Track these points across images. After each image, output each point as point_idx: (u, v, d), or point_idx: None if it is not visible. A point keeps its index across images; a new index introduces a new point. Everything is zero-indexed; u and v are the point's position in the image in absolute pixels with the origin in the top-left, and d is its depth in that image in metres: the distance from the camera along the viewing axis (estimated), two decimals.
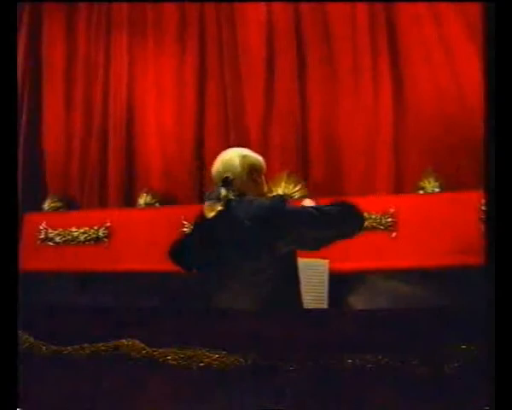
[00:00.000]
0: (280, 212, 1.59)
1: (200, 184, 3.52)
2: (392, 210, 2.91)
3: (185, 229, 1.88)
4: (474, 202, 2.59)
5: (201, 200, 3.43)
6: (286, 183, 3.26)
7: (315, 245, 1.66)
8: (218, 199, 1.62)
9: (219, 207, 1.61)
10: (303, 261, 1.86)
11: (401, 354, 1.16)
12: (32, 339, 1.42)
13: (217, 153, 1.95)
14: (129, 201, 3.66)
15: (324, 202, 1.70)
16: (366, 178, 3.22)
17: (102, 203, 3.72)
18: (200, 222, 1.72)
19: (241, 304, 1.58)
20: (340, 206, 1.62)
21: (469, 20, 3.03)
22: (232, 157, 1.74)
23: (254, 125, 3.46)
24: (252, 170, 1.73)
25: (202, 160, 3.49)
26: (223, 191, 1.62)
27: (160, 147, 3.67)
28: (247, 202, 1.64)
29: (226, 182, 1.64)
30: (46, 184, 3.88)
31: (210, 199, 1.67)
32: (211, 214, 1.62)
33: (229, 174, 1.66)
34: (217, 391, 1.25)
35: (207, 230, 1.65)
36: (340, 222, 1.60)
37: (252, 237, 1.56)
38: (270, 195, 3.04)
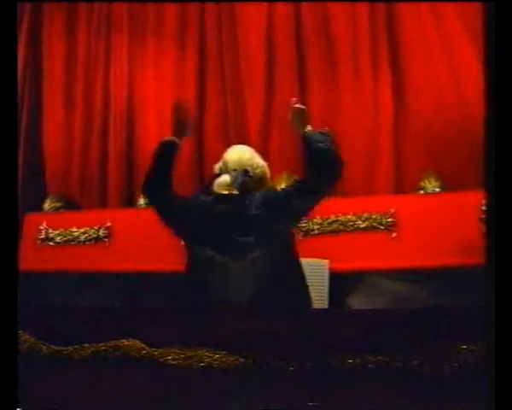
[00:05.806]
0: (278, 198, 1.86)
1: (201, 185, 3.52)
2: (392, 210, 2.91)
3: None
4: (474, 202, 2.58)
5: None
6: (286, 183, 3.25)
7: (306, 212, 1.94)
8: (237, 183, 1.78)
9: (234, 191, 1.77)
10: (303, 261, 1.86)
11: (401, 354, 1.16)
12: (32, 339, 1.41)
13: (217, 153, 1.96)
14: (129, 201, 3.66)
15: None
16: (366, 178, 3.22)
17: (102, 203, 3.71)
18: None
19: (242, 289, 1.66)
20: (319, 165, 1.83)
21: (469, 20, 3.02)
22: (254, 157, 1.93)
23: (254, 124, 3.46)
24: (267, 178, 1.96)
25: None
26: (240, 178, 1.79)
27: None
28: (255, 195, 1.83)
29: (247, 173, 1.82)
30: (46, 184, 3.87)
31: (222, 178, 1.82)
32: (223, 191, 1.79)
33: (249, 168, 1.85)
34: (217, 391, 1.25)
35: (212, 204, 1.80)
36: (323, 184, 1.85)
37: (257, 224, 1.74)
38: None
